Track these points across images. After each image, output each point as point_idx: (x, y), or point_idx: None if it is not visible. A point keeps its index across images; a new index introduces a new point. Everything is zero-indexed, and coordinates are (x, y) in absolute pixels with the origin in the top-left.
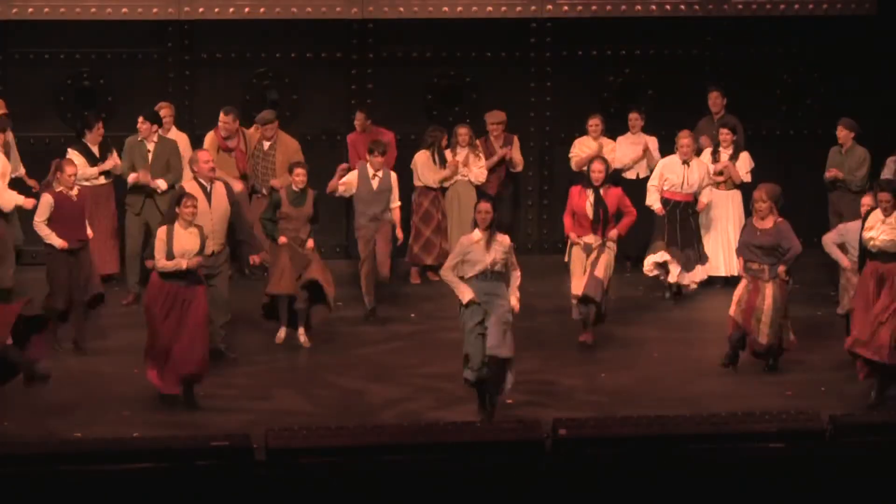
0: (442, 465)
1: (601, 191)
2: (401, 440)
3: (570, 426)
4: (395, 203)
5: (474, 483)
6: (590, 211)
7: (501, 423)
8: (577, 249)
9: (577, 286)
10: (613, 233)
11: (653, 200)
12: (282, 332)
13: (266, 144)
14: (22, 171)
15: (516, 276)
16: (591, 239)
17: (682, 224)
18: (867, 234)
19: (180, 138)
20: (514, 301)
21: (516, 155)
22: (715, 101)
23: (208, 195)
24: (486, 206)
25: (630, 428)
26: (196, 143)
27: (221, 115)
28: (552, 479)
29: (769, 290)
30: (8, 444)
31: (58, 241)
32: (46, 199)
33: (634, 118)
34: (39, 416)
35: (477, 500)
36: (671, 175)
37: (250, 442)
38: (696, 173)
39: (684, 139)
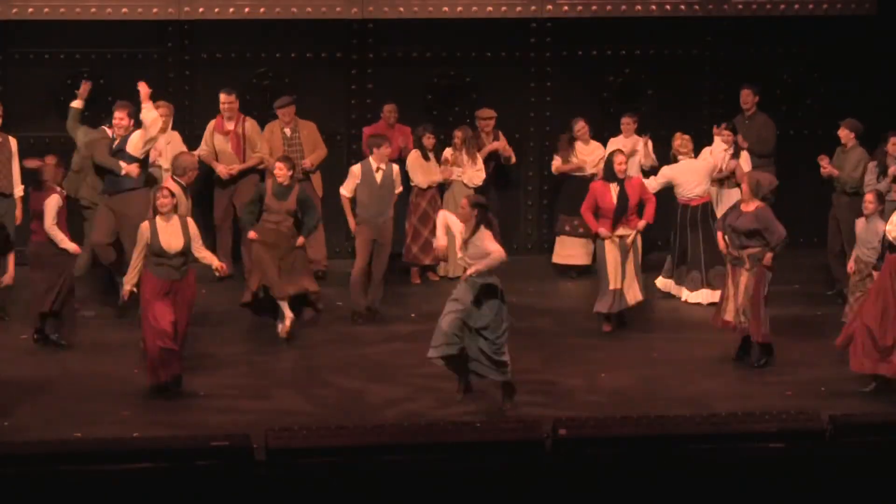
0: (442, 465)
1: (625, 182)
2: (401, 440)
3: (570, 426)
4: (397, 189)
5: (474, 483)
6: (614, 203)
7: (501, 423)
8: (610, 244)
9: (615, 281)
10: (642, 224)
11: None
12: (281, 325)
13: (288, 131)
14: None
15: (491, 257)
16: (622, 231)
17: (703, 225)
18: (890, 226)
19: (174, 137)
20: (473, 268)
21: (507, 148)
22: (745, 98)
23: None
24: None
25: (630, 428)
26: (192, 144)
27: (223, 96)
28: (552, 479)
29: (743, 279)
30: (8, 444)
31: (71, 246)
32: (55, 200)
33: (626, 122)
34: (40, 416)
35: (477, 500)
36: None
37: (250, 442)
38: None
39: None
